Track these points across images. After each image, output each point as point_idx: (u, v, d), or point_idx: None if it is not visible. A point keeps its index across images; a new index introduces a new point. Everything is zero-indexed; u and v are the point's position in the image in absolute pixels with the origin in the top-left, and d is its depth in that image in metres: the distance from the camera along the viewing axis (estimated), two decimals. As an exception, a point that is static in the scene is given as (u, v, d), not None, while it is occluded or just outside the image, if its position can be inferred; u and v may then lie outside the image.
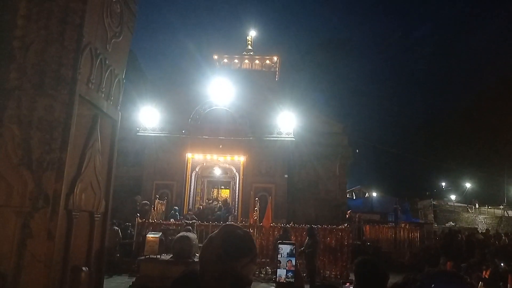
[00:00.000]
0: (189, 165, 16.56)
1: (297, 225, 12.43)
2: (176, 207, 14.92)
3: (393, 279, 2.41)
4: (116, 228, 12.09)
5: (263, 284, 10.43)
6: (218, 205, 15.64)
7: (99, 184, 3.18)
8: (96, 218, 3.16)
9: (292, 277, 2.61)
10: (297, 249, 2.77)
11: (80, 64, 2.91)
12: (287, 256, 2.76)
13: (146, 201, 14.38)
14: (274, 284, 2.82)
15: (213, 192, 19.16)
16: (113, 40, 3.40)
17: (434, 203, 28.74)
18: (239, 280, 1.39)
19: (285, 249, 2.82)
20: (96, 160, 3.10)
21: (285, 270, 2.67)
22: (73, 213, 2.80)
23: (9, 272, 2.50)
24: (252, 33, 23.32)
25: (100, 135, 3.18)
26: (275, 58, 21.83)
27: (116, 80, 3.49)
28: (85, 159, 2.95)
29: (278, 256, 2.83)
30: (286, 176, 15.94)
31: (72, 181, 2.80)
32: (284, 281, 2.62)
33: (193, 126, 16.70)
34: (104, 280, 3.38)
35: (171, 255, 10.29)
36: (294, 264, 2.73)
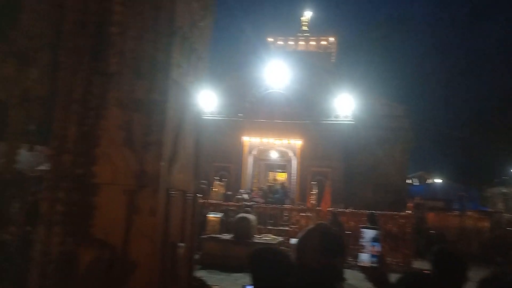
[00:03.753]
0: (246, 148, 16.84)
1: (355, 210, 12.20)
2: (248, 190, 15.35)
3: None
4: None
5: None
6: (276, 188, 15.80)
7: (190, 165, 3.32)
8: (188, 198, 3.32)
9: (376, 262, 2.57)
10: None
11: (173, 48, 3.00)
12: (370, 241, 2.73)
13: (203, 181, 14.90)
14: (358, 268, 2.78)
15: (269, 175, 19.35)
16: (199, 24, 3.48)
17: (505, 191, 26.57)
18: (339, 274, 1.74)
19: (367, 233, 2.80)
20: (186, 142, 3.23)
21: (368, 254, 2.64)
22: (171, 192, 2.95)
23: (118, 244, 2.71)
24: (307, 14, 22.73)
25: (188, 117, 3.30)
26: (331, 39, 21.19)
27: (202, 64, 3.58)
28: (178, 141, 3.08)
29: (361, 240, 2.83)
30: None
31: (170, 162, 2.95)
32: (368, 266, 2.59)
33: (249, 109, 16.85)
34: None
35: (232, 235, 10.63)
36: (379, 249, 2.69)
